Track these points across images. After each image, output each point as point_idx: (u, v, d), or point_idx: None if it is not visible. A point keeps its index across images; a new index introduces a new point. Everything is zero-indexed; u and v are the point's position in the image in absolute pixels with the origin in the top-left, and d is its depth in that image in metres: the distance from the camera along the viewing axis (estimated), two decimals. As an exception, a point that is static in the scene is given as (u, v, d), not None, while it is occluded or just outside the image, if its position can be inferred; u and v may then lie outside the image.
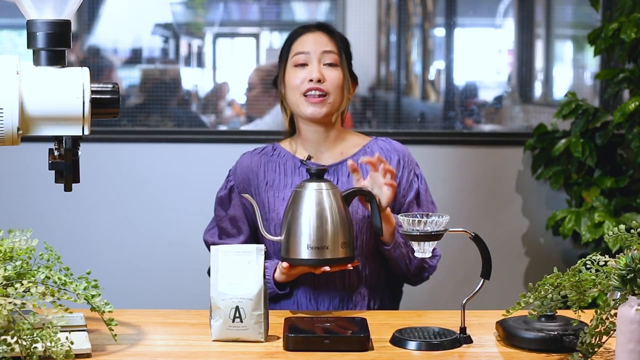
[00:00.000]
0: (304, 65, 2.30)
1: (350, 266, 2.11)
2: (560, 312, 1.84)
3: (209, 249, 2.34)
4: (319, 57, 2.30)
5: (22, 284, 1.61)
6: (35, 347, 1.58)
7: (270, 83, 2.81)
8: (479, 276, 1.89)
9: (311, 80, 2.27)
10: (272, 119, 3.93)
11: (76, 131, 1.68)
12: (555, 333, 1.77)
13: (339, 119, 2.36)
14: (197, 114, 4.01)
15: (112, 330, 1.71)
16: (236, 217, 2.34)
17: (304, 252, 2.07)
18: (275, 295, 2.23)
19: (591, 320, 1.65)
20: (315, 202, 2.07)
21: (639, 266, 1.56)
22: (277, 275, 2.18)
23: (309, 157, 2.27)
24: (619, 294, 1.61)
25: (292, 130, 2.40)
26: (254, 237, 2.34)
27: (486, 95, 4.16)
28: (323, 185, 2.09)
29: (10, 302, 1.57)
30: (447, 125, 3.96)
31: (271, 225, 2.27)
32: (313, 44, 2.31)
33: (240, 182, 2.35)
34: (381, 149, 2.35)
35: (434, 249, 1.89)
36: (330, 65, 2.30)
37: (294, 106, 2.32)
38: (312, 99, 2.28)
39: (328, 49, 2.31)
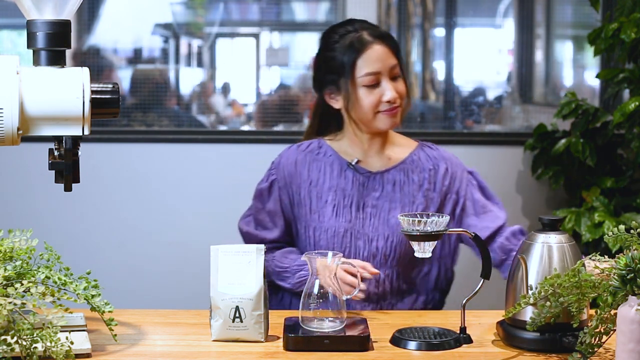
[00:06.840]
0: (375, 85, 2.23)
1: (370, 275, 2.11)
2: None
3: (243, 237, 2.35)
4: (388, 74, 2.23)
5: (22, 284, 1.61)
6: (35, 347, 1.58)
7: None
8: (479, 276, 1.89)
9: (388, 102, 2.22)
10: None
11: (76, 131, 1.67)
12: (555, 333, 1.77)
13: None
14: (197, 114, 4.01)
15: (112, 330, 1.71)
16: (273, 211, 2.32)
17: None
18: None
19: (591, 320, 1.65)
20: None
21: (639, 266, 1.56)
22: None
23: (358, 161, 2.26)
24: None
25: (317, 126, 2.36)
26: (288, 233, 2.32)
27: (486, 95, 4.16)
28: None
29: (10, 302, 1.56)
30: (447, 125, 3.96)
31: (310, 228, 2.27)
32: (381, 62, 2.22)
33: (282, 177, 2.31)
34: (428, 157, 2.31)
35: None
36: (396, 77, 2.25)
37: (365, 121, 2.25)
38: (388, 114, 2.23)
39: (393, 62, 2.24)
